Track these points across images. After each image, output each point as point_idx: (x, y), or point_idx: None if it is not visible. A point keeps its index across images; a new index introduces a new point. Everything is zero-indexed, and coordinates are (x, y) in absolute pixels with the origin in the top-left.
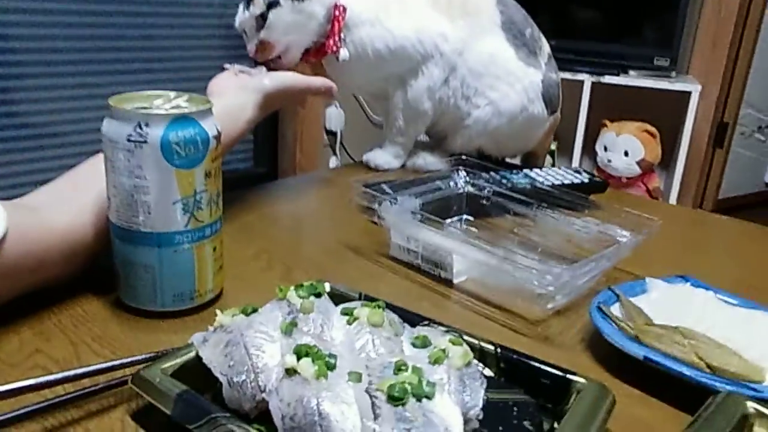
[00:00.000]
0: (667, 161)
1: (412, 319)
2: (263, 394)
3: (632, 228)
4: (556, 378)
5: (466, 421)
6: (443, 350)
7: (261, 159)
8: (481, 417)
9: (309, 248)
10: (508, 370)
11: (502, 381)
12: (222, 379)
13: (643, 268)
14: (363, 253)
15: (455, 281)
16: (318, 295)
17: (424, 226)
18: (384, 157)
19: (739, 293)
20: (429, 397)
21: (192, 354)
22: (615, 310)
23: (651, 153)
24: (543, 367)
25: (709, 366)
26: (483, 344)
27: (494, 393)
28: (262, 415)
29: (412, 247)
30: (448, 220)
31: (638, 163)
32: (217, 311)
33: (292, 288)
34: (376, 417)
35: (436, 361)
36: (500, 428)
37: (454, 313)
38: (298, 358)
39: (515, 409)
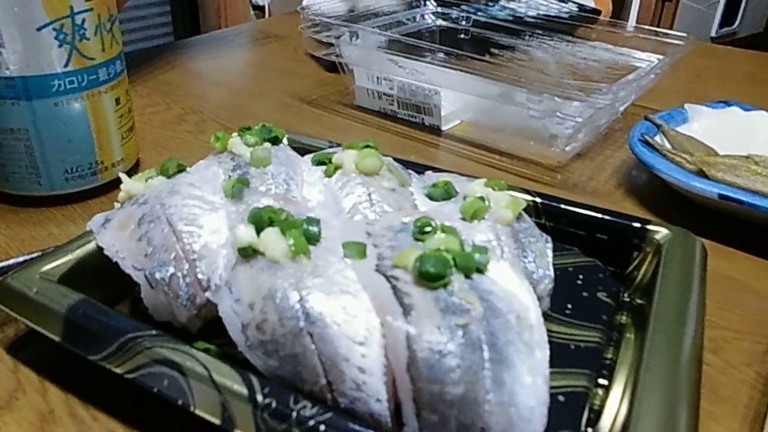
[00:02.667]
0: (617, 14)
1: (412, 168)
2: (206, 294)
3: (654, 50)
4: (625, 230)
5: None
6: (482, 198)
7: (181, 34)
8: (551, 292)
9: (252, 105)
10: (555, 225)
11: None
12: (137, 276)
13: (662, 102)
14: (321, 105)
15: (444, 128)
16: (274, 141)
17: (399, 62)
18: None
19: None
20: (482, 270)
21: (91, 246)
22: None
23: (602, 6)
24: (607, 217)
25: None
26: (515, 193)
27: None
28: (209, 327)
29: (384, 89)
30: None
31: None
32: (122, 176)
33: (235, 134)
34: (405, 310)
35: (473, 216)
36: (568, 306)
37: (448, 165)
38: (258, 230)
39: (580, 277)
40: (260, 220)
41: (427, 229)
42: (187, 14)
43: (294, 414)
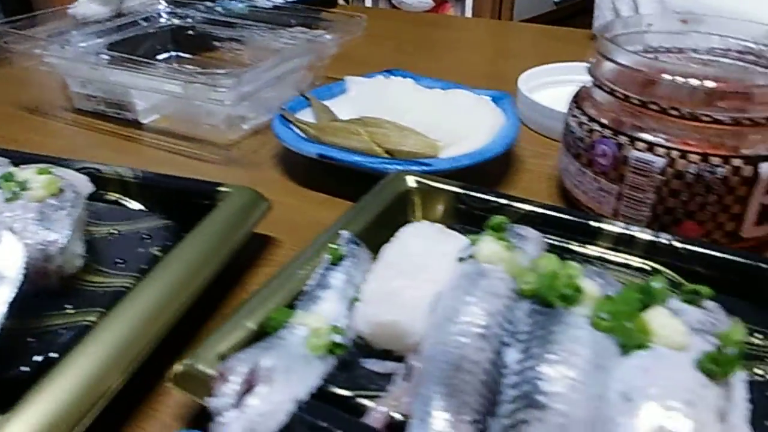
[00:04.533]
0: None
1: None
2: None
3: (338, 31)
4: (198, 191)
5: (49, 258)
6: (20, 183)
7: None
8: (62, 251)
9: None
10: (150, 196)
11: (140, 211)
12: None
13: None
14: (44, 112)
15: (144, 121)
16: None
17: (100, 65)
18: (91, 6)
19: (467, 83)
20: None
21: None
22: (306, 114)
23: None
24: (183, 183)
25: (387, 151)
26: (121, 171)
27: (127, 224)
28: None
29: (91, 92)
30: (161, 57)
31: None
32: None
33: None
34: None
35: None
36: (117, 259)
37: (143, 155)
38: None
39: (146, 237)
40: None
41: None
42: None
43: None
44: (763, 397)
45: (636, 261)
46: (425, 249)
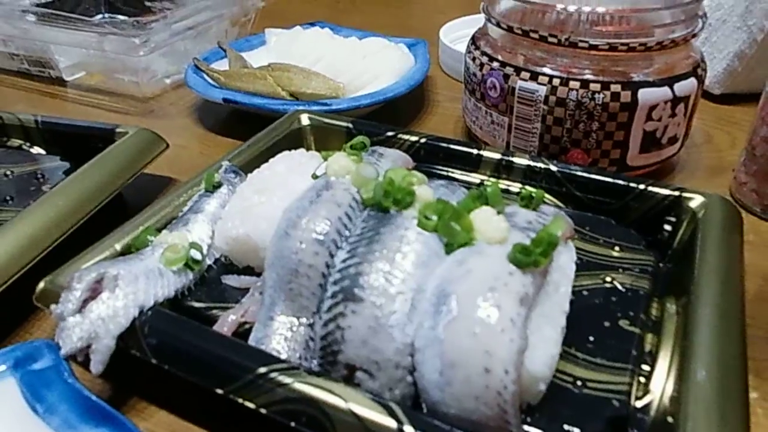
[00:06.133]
0: None
1: None
2: None
3: None
4: (96, 134)
5: None
6: None
7: None
8: None
9: None
10: (51, 140)
11: (40, 154)
12: None
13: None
14: None
15: (68, 79)
16: None
17: (20, 23)
18: None
19: (395, 34)
20: None
21: None
22: (223, 65)
23: None
24: (82, 126)
25: (291, 94)
26: (22, 117)
27: (23, 166)
28: None
29: (13, 50)
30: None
31: None
32: None
33: None
34: None
35: None
36: (7, 197)
37: (65, 111)
38: None
39: (40, 177)
40: None
41: None
42: None
43: None
44: (608, 301)
45: (515, 186)
46: (288, 170)
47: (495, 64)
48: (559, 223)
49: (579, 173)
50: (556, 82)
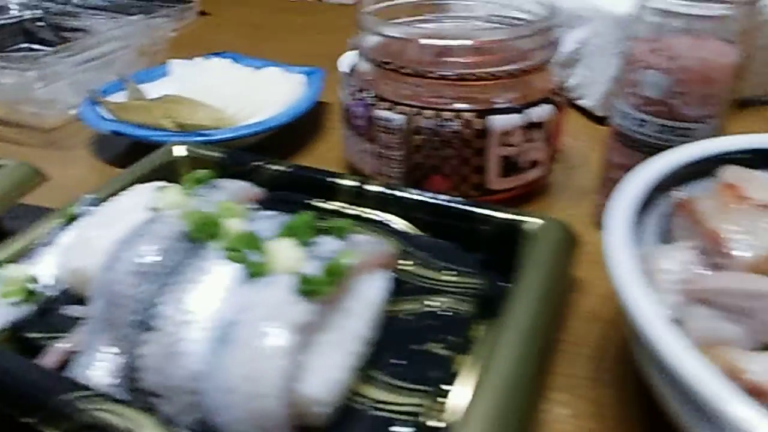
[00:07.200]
0: None
1: None
2: None
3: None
4: None
5: None
6: None
7: None
8: None
9: None
10: None
11: None
12: None
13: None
14: None
15: None
16: None
17: None
18: None
19: (298, 62)
20: None
21: None
22: (122, 97)
23: None
24: None
25: (180, 125)
26: None
27: None
28: None
29: None
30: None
31: None
32: None
33: None
34: None
35: None
36: None
37: None
38: None
39: None
40: None
41: None
42: None
43: None
44: (424, 325)
45: (368, 213)
46: (133, 204)
47: (358, 95)
48: (354, 253)
49: (424, 199)
50: (410, 111)
